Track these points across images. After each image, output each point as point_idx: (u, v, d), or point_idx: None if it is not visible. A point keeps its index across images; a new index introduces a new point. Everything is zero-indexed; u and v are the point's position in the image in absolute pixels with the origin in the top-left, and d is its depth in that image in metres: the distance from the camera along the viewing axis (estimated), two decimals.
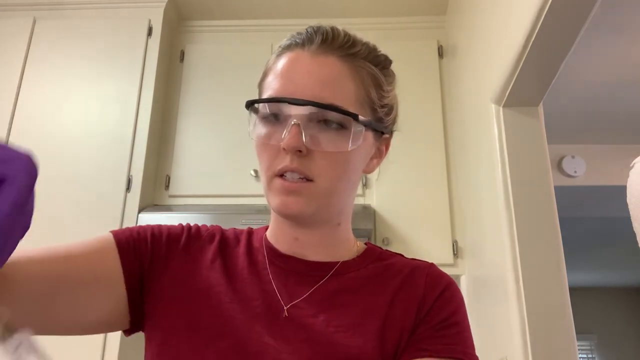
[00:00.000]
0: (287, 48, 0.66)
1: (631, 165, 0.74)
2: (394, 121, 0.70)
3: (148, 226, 0.70)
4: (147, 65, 2.23)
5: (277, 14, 2.45)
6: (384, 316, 0.64)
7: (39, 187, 1.86)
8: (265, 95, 0.65)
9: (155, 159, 2.21)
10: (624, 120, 2.94)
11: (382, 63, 0.68)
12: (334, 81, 0.62)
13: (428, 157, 2.17)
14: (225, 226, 0.80)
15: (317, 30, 0.64)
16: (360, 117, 0.61)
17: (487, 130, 1.74)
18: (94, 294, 0.62)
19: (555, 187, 1.62)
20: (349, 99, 0.62)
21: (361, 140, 0.62)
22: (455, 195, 2.14)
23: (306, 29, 0.66)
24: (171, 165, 2.21)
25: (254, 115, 0.65)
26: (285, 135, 0.60)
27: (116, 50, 2.25)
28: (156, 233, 0.69)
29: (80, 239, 0.64)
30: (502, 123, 1.67)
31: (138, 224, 1.97)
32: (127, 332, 0.67)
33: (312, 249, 0.68)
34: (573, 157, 3.13)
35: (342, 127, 0.61)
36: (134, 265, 0.65)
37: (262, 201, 2.55)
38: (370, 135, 0.66)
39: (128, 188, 2.04)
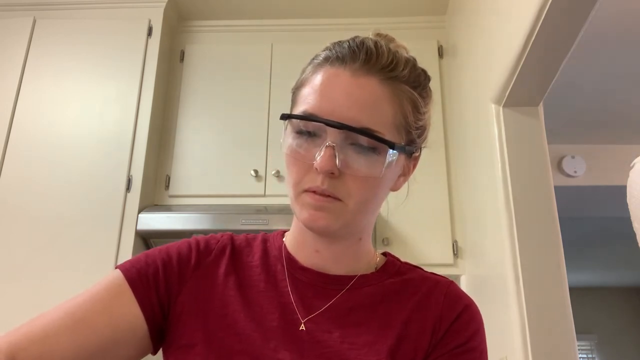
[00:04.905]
0: (328, 61, 0.64)
1: (631, 165, 0.74)
2: (424, 139, 0.70)
3: (156, 252, 0.69)
4: (147, 65, 2.22)
5: (278, 14, 2.44)
6: (399, 335, 0.63)
7: (40, 188, 1.87)
8: (299, 107, 0.64)
9: (155, 159, 2.21)
10: (624, 120, 2.94)
11: (422, 84, 0.67)
12: (373, 105, 0.61)
13: (428, 157, 2.17)
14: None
15: (360, 46, 0.62)
16: (396, 145, 0.61)
17: (487, 130, 1.74)
18: (119, 349, 0.63)
19: (555, 187, 1.62)
20: (386, 124, 0.61)
21: (394, 165, 0.62)
22: (455, 196, 2.14)
23: (349, 42, 0.64)
24: (171, 165, 2.21)
25: (287, 126, 0.64)
26: (319, 156, 0.59)
27: (116, 50, 2.25)
28: (165, 258, 0.68)
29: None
30: (502, 123, 1.67)
31: (138, 224, 1.97)
32: (153, 353, 0.68)
33: (333, 262, 0.68)
34: (573, 157, 3.13)
35: (375, 151, 0.60)
36: (151, 299, 0.64)
37: (262, 201, 2.53)
38: (402, 157, 0.65)
39: (128, 188, 2.04)
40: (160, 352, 0.68)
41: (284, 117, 0.63)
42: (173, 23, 2.44)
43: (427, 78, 0.68)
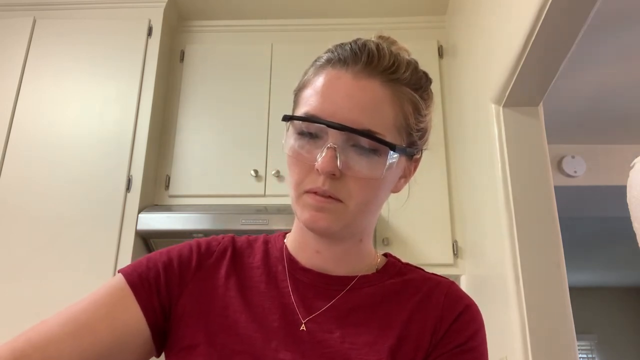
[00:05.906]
0: (330, 63, 0.64)
1: (631, 165, 0.74)
2: (425, 142, 0.70)
3: (157, 255, 0.69)
4: (147, 66, 2.22)
5: (278, 14, 2.44)
6: (399, 335, 0.63)
7: (40, 188, 1.87)
8: (301, 108, 0.64)
9: (155, 159, 2.21)
10: (624, 120, 2.94)
11: (423, 86, 0.67)
12: (374, 107, 0.61)
13: (428, 157, 2.16)
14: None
15: (362, 48, 0.63)
16: (397, 147, 0.61)
17: (487, 130, 1.74)
18: (122, 354, 0.63)
19: (555, 187, 1.62)
20: (387, 126, 0.62)
21: (395, 167, 0.63)
22: (455, 196, 2.14)
23: (351, 44, 0.64)
24: (171, 165, 2.21)
25: (289, 127, 0.64)
26: (320, 158, 0.60)
27: (116, 50, 2.25)
28: (166, 261, 0.68)
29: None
30: (502, 123, 1.67)
31: (138, 224, 1.97)
32: (156, 355, 0.69)
33: (333, 262, 0.68)
34: (573, 157, 3.13)
35: (376, 153, 0.61)
36: (153, 303, 0.65)
37: (262, 201, 2.52)
38: (403, 159, 0.66)
39: (128, 188, 2.04)
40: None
41: (286, 118, 0.64)
42: (173, 23, 2.44)
43: (429, 80, 0.68)
